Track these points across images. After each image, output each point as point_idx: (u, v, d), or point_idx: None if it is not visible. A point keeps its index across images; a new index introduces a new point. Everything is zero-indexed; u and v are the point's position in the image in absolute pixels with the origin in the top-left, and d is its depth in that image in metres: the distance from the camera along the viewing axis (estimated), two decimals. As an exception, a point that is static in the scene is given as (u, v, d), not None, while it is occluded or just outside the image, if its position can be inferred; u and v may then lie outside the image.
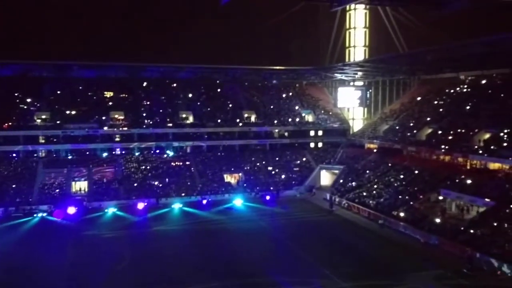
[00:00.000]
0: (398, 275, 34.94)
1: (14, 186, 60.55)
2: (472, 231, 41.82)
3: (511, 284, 33.87)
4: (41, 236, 46.76)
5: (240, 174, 71.07)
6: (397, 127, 72.83)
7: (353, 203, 57.61)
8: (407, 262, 38.28)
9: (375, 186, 59.83)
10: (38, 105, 74.05)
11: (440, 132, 62.46)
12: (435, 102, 72.34)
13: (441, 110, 68.70)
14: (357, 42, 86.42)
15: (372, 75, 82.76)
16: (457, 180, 51.66)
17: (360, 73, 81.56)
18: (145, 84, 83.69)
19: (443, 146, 58.43)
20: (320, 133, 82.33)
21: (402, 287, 32.97)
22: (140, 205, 56.61)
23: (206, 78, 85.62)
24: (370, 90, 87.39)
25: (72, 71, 76.99)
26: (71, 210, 54.38)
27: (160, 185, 64.76)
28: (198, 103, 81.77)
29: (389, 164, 64.34)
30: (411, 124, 70.25)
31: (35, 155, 68.64)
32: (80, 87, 79.49)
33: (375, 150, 72.76)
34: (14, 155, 67.75)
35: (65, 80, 77.91)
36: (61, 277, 35.09)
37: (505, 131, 53.13)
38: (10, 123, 68.62)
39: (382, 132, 74.79)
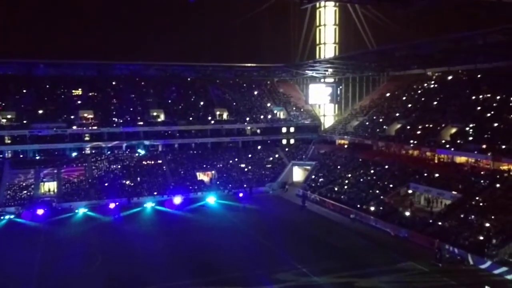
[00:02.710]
0: (370, 268, 35.54)
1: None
2: (440, 223, 42.98)
3: (478, 274, 34.98)
4: (8, 239, 45.43)
5: (213, 172, 70.92)
6: (367, 123, 74.02)
7: (325, 198, 58.32)
8: (378, 255, 38.99)
9: (346, 181, 60.73)
10: (3, 104, 71.88)
11: (408, 127, 63.85)
12: (404, 98, 73.83)
13: (409, 105, 70.18)
14: (327, 39, 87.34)
15: (342, 71, 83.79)
16: (425, 174, 53.05)
17: (330, 70, 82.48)
18: (114, 82, 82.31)
19: (411, 141, 59.77)
20: (292, 129, 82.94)
21: (373, 280, 33.58)
22: (112, 205, 55.83)
23: (177, 76, 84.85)
24: (341, 87, 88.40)
25: (38, 69, 74.96)
26: (40, 211, 53.24)
27: (132, 184, 63.96)
28: (169, 101, 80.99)
29: (360, 159, 65.43)
30: (381, 120, 71.55)
31: (0, 155, 66.64)
32: (47, 86, 77.51)
33: (346, 146, 73.81)
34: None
35: (31, 78, 75.87)
36: (31, 279, 34.29)
37: (470, 125, 54.80)
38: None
39: (353, 128, 75.85)
